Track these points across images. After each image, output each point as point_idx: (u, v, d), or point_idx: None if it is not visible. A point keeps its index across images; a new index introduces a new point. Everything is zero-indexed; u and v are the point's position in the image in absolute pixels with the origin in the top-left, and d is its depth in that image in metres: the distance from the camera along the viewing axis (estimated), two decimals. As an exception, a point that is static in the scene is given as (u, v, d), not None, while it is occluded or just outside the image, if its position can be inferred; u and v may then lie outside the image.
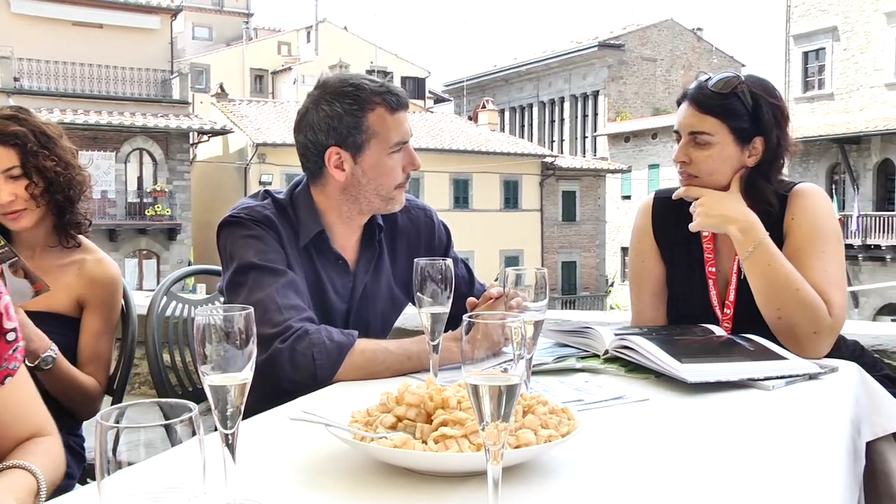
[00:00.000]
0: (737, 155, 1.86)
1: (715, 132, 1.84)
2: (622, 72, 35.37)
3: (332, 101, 1.71)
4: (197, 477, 0.69)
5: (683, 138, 1.89)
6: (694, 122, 1.87)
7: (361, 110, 1.70)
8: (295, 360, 1.54)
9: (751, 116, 1.85)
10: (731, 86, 1.84)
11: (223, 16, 43.32)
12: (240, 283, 1.65)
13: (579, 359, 1.70)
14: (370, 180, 1.73)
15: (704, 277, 1.94)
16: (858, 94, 24.48)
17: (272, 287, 1.61)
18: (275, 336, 1.55)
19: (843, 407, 1.39)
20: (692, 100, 1.88)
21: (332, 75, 1.80)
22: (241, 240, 1.68)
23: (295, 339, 1.55)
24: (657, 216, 2.05)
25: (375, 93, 1.71)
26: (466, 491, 0.99)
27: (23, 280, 1.67)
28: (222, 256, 1.73)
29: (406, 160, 1.75)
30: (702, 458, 1.15)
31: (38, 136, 1.83)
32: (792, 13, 26.04)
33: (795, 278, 1.73)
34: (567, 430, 1.08)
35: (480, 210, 26.68)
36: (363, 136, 1.70)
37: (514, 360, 0.82)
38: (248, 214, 1.71)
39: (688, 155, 1.87)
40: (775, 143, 1.86)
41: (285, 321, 1.57)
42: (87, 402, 1.86)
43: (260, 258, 1.65)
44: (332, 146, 1.71)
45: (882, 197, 23.80)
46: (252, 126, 24.21)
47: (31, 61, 22.48)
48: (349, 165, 1.72)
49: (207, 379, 0.90)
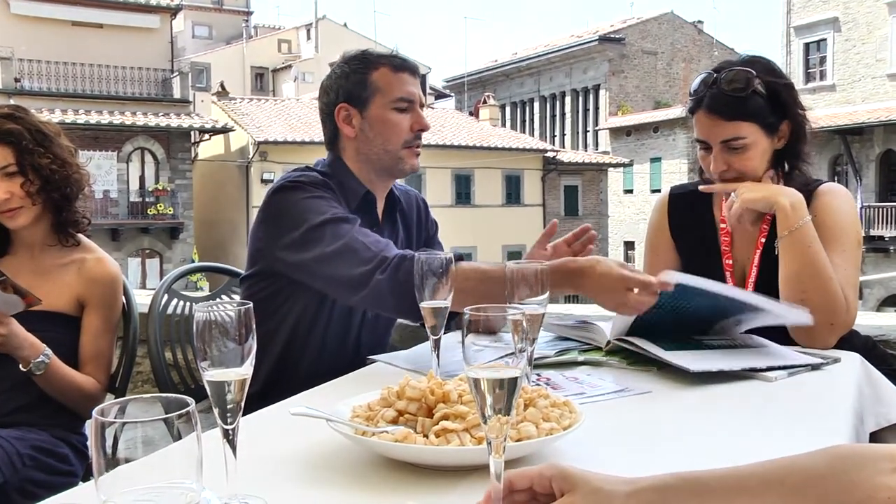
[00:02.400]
0: (769, 146, 1.88)
1: (747, 134, 1.83)
2: (623, 65, 35.31)
3: (343, 64, 1.87)
4: (195, 472, 0.69)
5: (715, 148, 1.86)
6: (725, 131, 1.84)
7: (366, 69, 1.83)
8: (398, 289, 1.57)
9: (772, 105, 1.84)
10: (746, 83, 1.82)
11: (223, 14, 43.32)
12: (314, 239, 1.68)
13: (581, 352, 1.70)
14: (377, 134, 1.82)
15: (721, 268, 1.94)
16: (860, 85, 24.42)
17: (350, 232, 1.66)
18: (372, 270, 1.60)
19: (847, 397, 1.39)
20: (712, 109, 1.85)
21: None
22: (304, 201, 1.72)
23: (394, 268, 1.59)
24: (673, 211, 2.07)
25: (381, 55, 1.87)
26: (468, 485, 0.99)
27: (11, 295, 1.67)
28: (275, 220, 1.75)
29: (414, 120, 1.84)
30: (705, 450, 1.15)
31: (33, 134, 1.83)
32: (793, 4, 25.98)
33: (829, 268, 1.73)
34: (569, 423, 1.07)
35: (482, 205, 26.65)
36: (367, 92, 1.82)
37: (515, 353, 0.81)
38: (307, 178, 1.78)
39: (726, 162, 1.86)
40: (800, 120, 1.87)
41: (377, 254, 1.62)
42: (87, 402, 1.86)
43: (329, 213, 1.70)
44: (341, 103, 1.84)
45: (885, 188, 23.75)
46: (253, 124, 24.19)
47: (32, 62, 22.49)
48: (357, 121, 1.83)
49: (207, 374, 0.90)
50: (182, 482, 0.69)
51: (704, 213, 2.03)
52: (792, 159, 1.91)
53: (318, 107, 1.91)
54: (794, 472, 0.72)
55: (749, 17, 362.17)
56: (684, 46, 36.28)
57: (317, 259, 1.67)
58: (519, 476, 0.81)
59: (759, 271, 1.89)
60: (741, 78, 1.82)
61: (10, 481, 1.66)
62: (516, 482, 0.81)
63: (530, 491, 0.81)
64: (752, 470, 0.74)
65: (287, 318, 1.79)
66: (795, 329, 1.73)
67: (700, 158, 1.94)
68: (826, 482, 0.70)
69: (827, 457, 0.73)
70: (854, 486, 0.69)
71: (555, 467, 0.79)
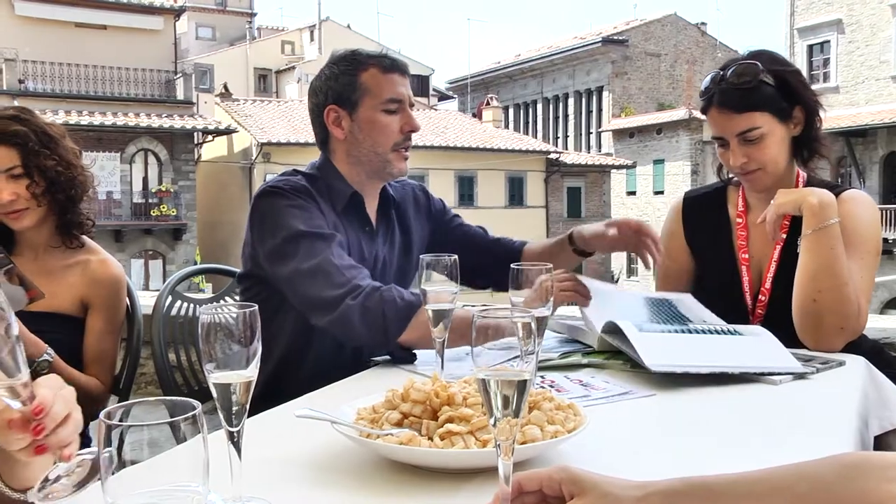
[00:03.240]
0: (786, 133, 1.88)
1: (762, 123, 1.84)
2: (626, 67, 35.29)
3: (332, 65, 1.85)
4: (201, 474, 0.69)
5: (732, 142, 1.87)
6: (739, 124, 1.85)
7: (355, 70, 1.82)
8: (366, 318, 1.60)
9: (781, 92, 1.85)
10: (753, 75, 1.83)
11: (226, 16, 43.32)
12: (290, 253, 1.68)
13: (584, 354, 1.70)
14: (366, 136, 1.82)
15: (736, 263, 1.96)
16: (864, 86, 24.38)
17: (326, 251, 1.66)
18: (343, 296, 1.61)
19: (851, 401, 1.39)
20: (723, 104, 1.86)
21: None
22: (284, 209, 1.73)
23: (365, 297, 1.61)
24: (688, 216, 2.09)
25: (370, 55, 1.85)
26: (472, 487, 0.99)
27: (17, 287, 1.67)
28: (258, 226, 1.76)
29: (404, 121, 1.83)
30: (708, 453, 1.15)
31: (39, 135, 1.83)
32: (796, 6, 25.95)
33: (848, 272, 1.72)
34: (573, 426, 1.07)
35: (485, 207, 26.61)
36: (357, 94, 1.81)
37: (521, 355, 0.81)
38: (288, 184, 1.77)
39: (745, 155, 1.86)
40: (812, 103, 1.89)
41: (350, 280, 1.63)
42: (90, 403, 1.86)
43: (307, 225, 1.70)
44: (331, 105, 1.83)
45: (888, 190, 23.71)
46: (256, 125, 24.21)
47: (36, 63, 22.52)
48: (346, 123, 1.83)
49: (212, 377, 0.90)
50: (188, 484, 0.69)
51: (718, 210, 2.06)
52: (811, 143, 1.93)
53: (308, 108, 1.90)
54: (802, 479, 0.72)
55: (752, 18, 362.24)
56: (687, 48, 36.24)
57: (290, 275, 1.68)
58: (528, 478, 0.81)
59: (779, 266, 1.90)
60: (748, 70, 1.84)
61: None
62: (525, 484, 0.81)
63: (539, 493, 0.81)
64: (760, 476, 0.74)
65: (288, 319, 1.80)
66: (803, 331, 1.73)
67: (719, 156, 1.95)
68: (834, 489, 0.70)
69: (835, 464, 0.73)
70: (862, 494, 0.69)
71: (565, 470, 0.79)
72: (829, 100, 24.83)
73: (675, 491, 0.75)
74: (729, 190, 2.07)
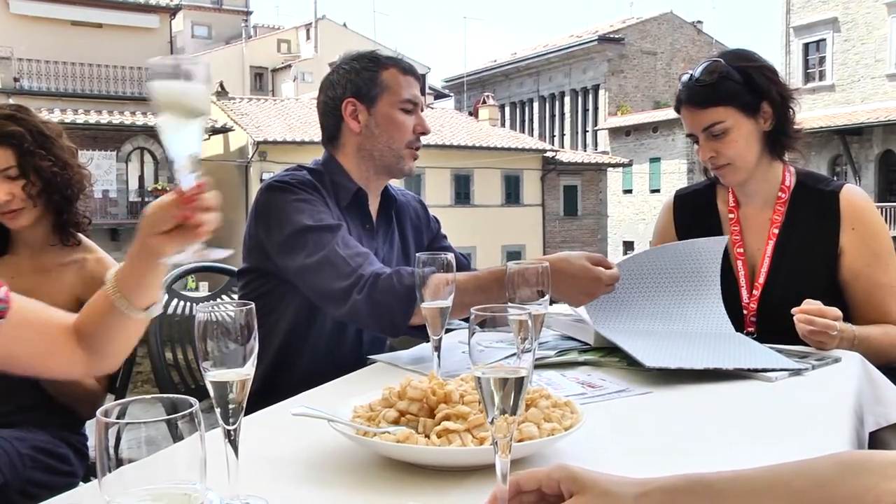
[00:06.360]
0: (754, 128, 1.91)
1: (725, 117, 1.88)
2: (622, 65, 35.32)
3: (352, 61, 1.90)
4: (199, 472, 0.68)
5: (700, 137, 1.93)
6: (702, 119, 1.90)
7: (377, 67, 1.87)
8: (375, 312, 1.62)
9: (747, 87, 1.89)
10: (716, 71, 1.88)
11: (222, 14, 43.26)
12: (297, 247, 1.70)
13: (581, 352, 1.70)
14: (382, 132, 1.86)
15: (731, 258, 1.97)
16: (860, 85, 24.44)
17: (332, 242, 1.68)
18: (350, 288, 1.63)
19: (846, 397, 1.39)
20: (689, 101, 1.93)
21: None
22: (290, 204, 1.74)
23: (370, 288, 1.62)
24: (679, 213, 2.13)
25: (389, 57, 1.93)
26: (469, 485, 0.99)
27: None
28: (265, 220, 1.77)
29: (417, 122, 1.88)
30: (705, 450, 1.15)
31: (35, 135, 1.83)
32: (792, 4, 26.00)
33: (887, 341, 1.78)
34: (570, 424, 1.07)
35: (482, 205, 26.64)
36: (377, 90, 1.86)
37: (518, 353, 0.81)
38: (294, 179, 1.79)
39: (712, 149, 1.91)
40: (778, 98, 1.91)
41: (355, 270, 1.64)
42: (87, 401, 1.86)
43: (313, 219, 1.72)
44: (349, 98, 1.86)
45: (884, 188, 23.78)
46: (252, 124, 24.17)
47: (31, 61, 22.48)
48: (364, 117, 1.86)
49: (209, 375, 0.90)
50: (185, 482, 0.69)
51: (709, 206, 2.08)
52: (783, 139, 1.95)
53: (320, 101, 1.92)
54: (800, 477, 0.72)
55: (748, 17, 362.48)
56: (683, 46, 36.29)
57: (299, 268, 1.70)
58: (527, 477, 0.81)
59: (772, 260, 1.92)
60: (711, 67, 1.90)
61: (11, 482, 1.66)
62: (524, 483, 0.81)
63: (538, 492, 0.81)
64: (758, 473, 0.74)
65: (284, 315, 1.80)
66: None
67: (696, 153, 2.00)
68: (833, 487, 0.70)
69: (833, 462, 0.73)
70: (860, 492, 0.69)
71: (563, 469, 0.79)
72: (824, 98, 24.91)
73: (674, 488, 0.75)
74: (718, 186, 2.09)
